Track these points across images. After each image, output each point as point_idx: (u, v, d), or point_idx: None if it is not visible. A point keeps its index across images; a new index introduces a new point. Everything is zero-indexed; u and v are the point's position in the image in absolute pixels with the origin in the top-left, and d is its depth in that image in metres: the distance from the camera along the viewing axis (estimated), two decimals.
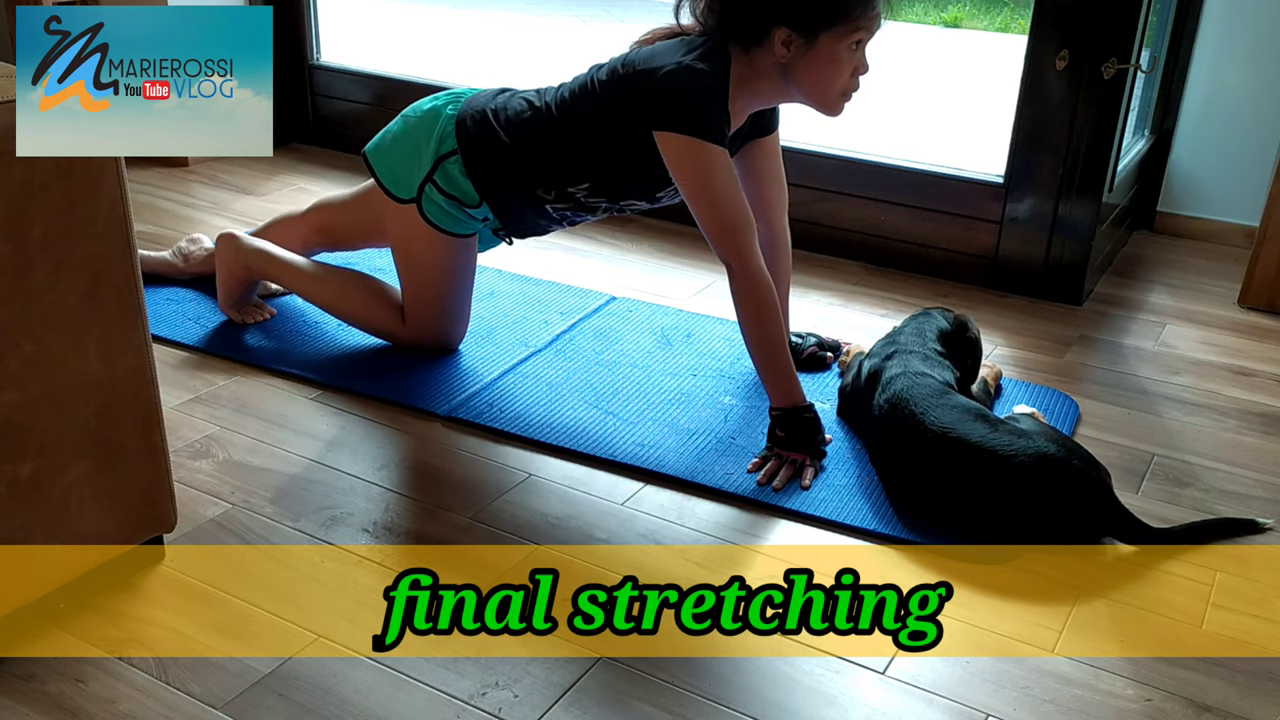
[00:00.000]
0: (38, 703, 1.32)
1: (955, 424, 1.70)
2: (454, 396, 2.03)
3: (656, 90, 1.80)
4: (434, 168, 2.00)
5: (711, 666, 1.42)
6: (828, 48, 1.79)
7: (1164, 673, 1.44)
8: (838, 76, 1.82)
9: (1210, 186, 3.03)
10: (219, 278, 2.25)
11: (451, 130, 2.00)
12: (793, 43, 1.79)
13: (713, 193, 1.82)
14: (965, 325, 2.01)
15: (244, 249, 2.21)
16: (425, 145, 2.01)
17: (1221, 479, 1.89)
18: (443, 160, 2.00)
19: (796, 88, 1.85)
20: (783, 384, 1.86)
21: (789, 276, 2.19)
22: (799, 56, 1.80)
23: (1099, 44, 2.41)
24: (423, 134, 2.02)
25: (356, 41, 5.20)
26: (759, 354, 1.87)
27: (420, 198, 2.02)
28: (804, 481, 1.79)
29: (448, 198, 2.01)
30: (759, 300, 1.84)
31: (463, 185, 2.00)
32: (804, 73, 1.82)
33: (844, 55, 1.80)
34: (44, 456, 1.36)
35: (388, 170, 2.05)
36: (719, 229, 1.84)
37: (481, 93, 2.06)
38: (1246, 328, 2.50)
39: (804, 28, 1.78)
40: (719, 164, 1.81)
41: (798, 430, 1.84)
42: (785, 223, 2.14)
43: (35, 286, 1.30)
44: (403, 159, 2.04)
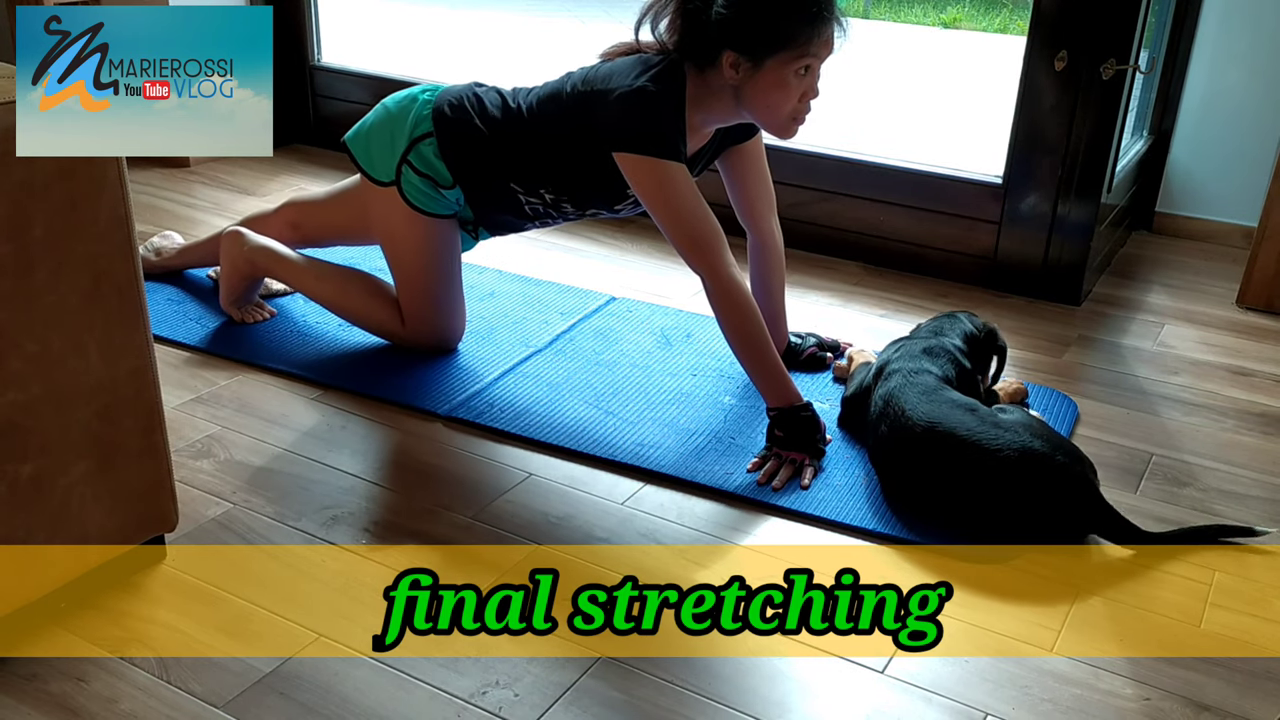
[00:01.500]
0: (39, 702, 1.32)
1: (942, 417, 1.70)
2: (454, 396, 2.03)
3: (611, 110, 1.84)
4: (409, 148, 2.04)
5: (711, 666, 1.42)
6: (774, 73, 1.80)
7: (1163, 672, 1.44)
8: (786, 101, 1.83)
9: (1209, 187, 3.03)
10: (223, 274, 2.27)
11: (427, 114, 2.04)
12: (740, 65, 1.81)
13: (674, 207, 1.85)
14: (995, 334, 2.01)
15: (249, 245, 2.22)
16: (400, 129, 2.05)
17: (1220, 479, 1.89)
18: (417, 142, 2.03)
19: (747, 109, 1.87)
20: (775, 385, 1.87)
21: (783, 277, 2.19)
22: (747, 79, 1.82)
23: (1098, 45, 2.42)
24: (399, 119, 2.07)
25: (357, 42, 5.20)
26: (745, 359, 1.89)
27: (399, 178, 2.05)
28: (803, 481, 1.80)
29: (422, 177, 2.04)
30: (735, 307, 1.86)
31: (437, 166, 2.04)
32: (753, 95, 1.84)
33: (791, 80, 1.81)
34: (45, 456, 1.36)
35: (366, 155, 2.09)
36: (686, 242, 1.86)
37: (457, 85, 2.10)
38: (1245, 328, 2.51)
39: (750, 52, 1.80)
40: (677, 179, 1.84)
41: (796, 429, 1.84)
42: (773, 224, 2.15)
43: (37, 287, 1.30)
44: (380, 144, 2.08)
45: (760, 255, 2.15)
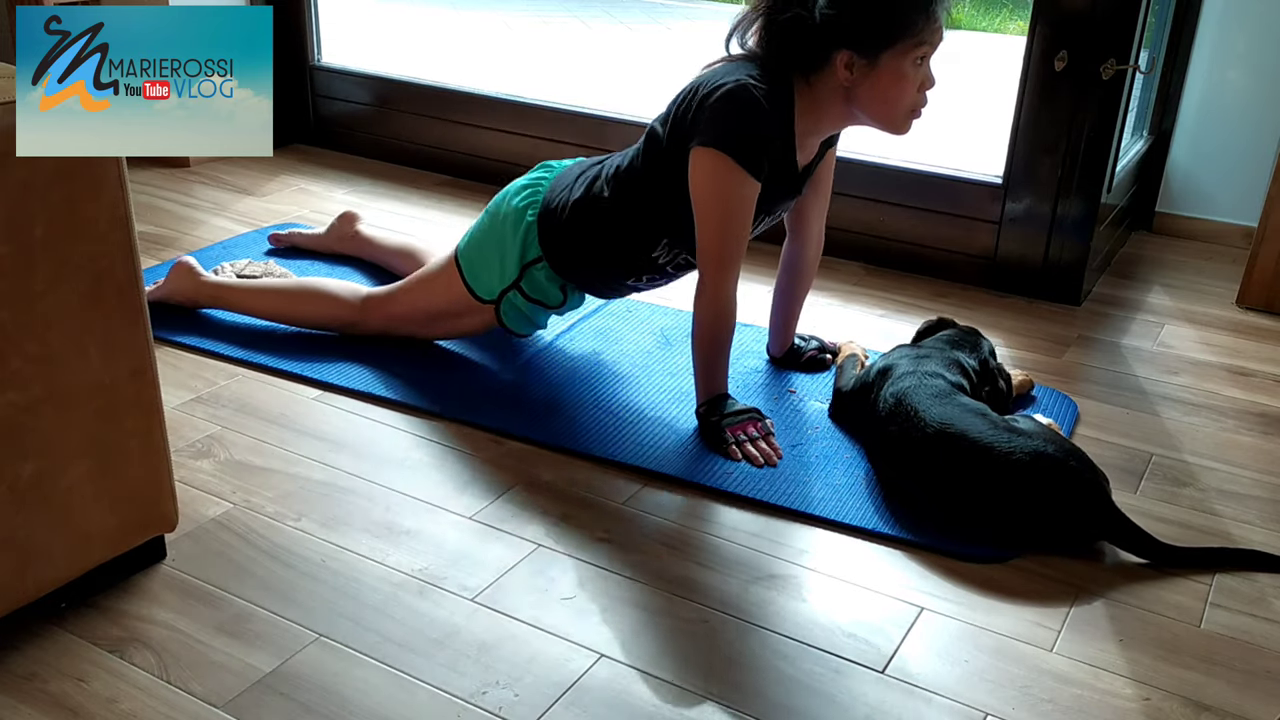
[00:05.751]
0: (39, 702, 1.33)
1: (954, 419, 1.70)
2: (454, 396, 2.03)
3: (715, 104, 1.77)
4: (520, 275, 2.01)
5: (711, 666, 1.42)
6: (891, 66, 1.76)
7: (1162, 672, 1.44)
8: (904, 94, 1.79)
9: (1209, 187, 3.03)
10: (163, 292, 2.26)
11: (535, 238, 2.00)
12: (855, 65, 1.77)
13: (727, 213, 1.82)
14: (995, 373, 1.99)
15: (200, 283, 2.25)
16: (511, 251, 2.01)
17: (1220, 479, 1.89)
18: (529, 267, 2.01)
19: (861, 110, 1.83)
20: (716, 380, 1.92)
21: (809, 285, 2.20)
22: (862, 78, 1.78)
23: (1098, 45, 2.42)
24: (508, 237, 2.01)
25: (357, 42, 5.20)
26: (703, 357, 1.91)
27: (500, 300, 2.04)
28: (774, 448, 1.87)
29: (532, 302, 2.03)
30: (720, 316, 1.88)
31: (548, 290, 2.02)
32: (869, 94, 1.79)
33: (909, 71, 1.77)
34: (46, 456, 1.36)
35: (471, 269, 2.05)
36: (715, 253, 1.85)
37: (556, 180, 2.04)
38: (1245, 328, 2.51)
39: (866, 48, 1.75)
40: (746, 194, 1.80)
41: (726, 408, 1.89)
42: (821, 231, 2.14)
43: (37, 287, 1.30)
44: (486, 262, 2.04)
45: (798, 259, 2.15)
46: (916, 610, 1.53)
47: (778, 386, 2.13)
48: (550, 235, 1.98)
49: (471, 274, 2.05)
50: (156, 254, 2.60)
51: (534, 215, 2.00)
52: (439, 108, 3.31)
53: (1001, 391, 1.97)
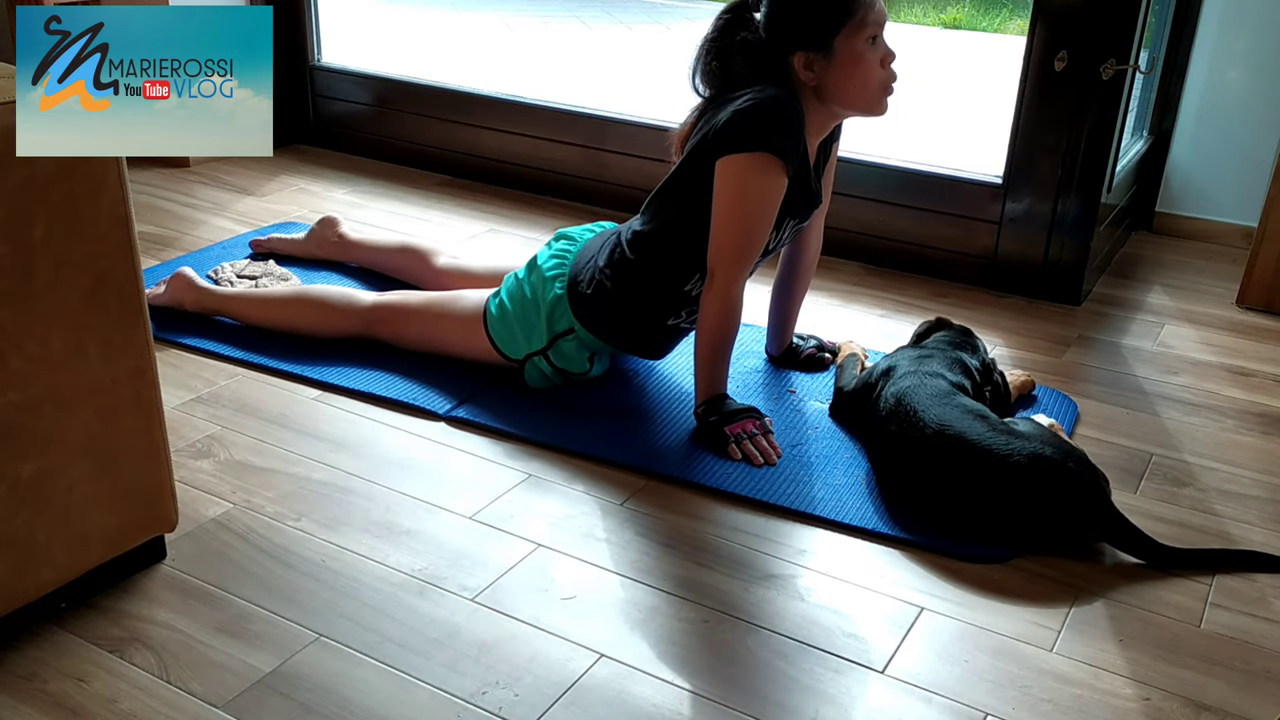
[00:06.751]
0: (39, 702, 1.33)
1: (953, 421, 1.70)
2: (454, 397, 2.03)
3: (745, 111, 1.78)
4: (549, 345, 2.01)
5: (712, 666, 1.42)
6: (846, 50, 1.80)
7: (1162, 672, 1.44)
8: (869, 74, 1.82)
9: (1209, 187, 3.03)
10: (165, 300, 2.26)
11: (565, 310, 1.99)
12: (814, 62, 1.81)
13: (754, 214, 1.83)
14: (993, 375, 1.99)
15: (198, 291, 2.24)
16: (538, 321, 2.00)
17: (1220, 479, 1.89)
18: (558, 339, 2.00)
19: (835, 103, 1.86)
20: (717, 380, 1.92)
21: (808, 284, 2.21)
22: (824, 73, 1.82)
23: (1098, 45, 2.42)
24: (537, 310, 2.00)
25: (357, 42, 5.20)
26: (707, 355, 1.91)
27: (525, 361, 2.03)
28: (773, 446, 1.87)
29: (556, 370, 2.03)
30: (727, 312, 1.88)
31: (575, 360, 2.02)
32: (836, 84, 1.83)
33: (865, 51, 1.81)
34: (46, 456, 1.36)
35: (499, 330, 2.04)
36: (734, 250, 1.85)
37: (580, 253, 2.03)
38: (1245, 328, 2.51)
39: (816, 43, 1.80)
40: (775, 191, 1.82)
41: (725, 407, 1.89)
42: (820, 227, 2.16)
43: (37, 287, 1.30)
44: (512, 333, 2.02)
45: (797, 259, 2.16)
46: (916, 610, 1.54)
47: (777, 386, 2.13)
48: (582, 303, 1.97)
49: (498, 337, 2.04)
50: (156, 254, 2.60)
51: (563, 287, 1.99)
52: (439, 108, 3.31)
53: (1001, 392, 1.97)
